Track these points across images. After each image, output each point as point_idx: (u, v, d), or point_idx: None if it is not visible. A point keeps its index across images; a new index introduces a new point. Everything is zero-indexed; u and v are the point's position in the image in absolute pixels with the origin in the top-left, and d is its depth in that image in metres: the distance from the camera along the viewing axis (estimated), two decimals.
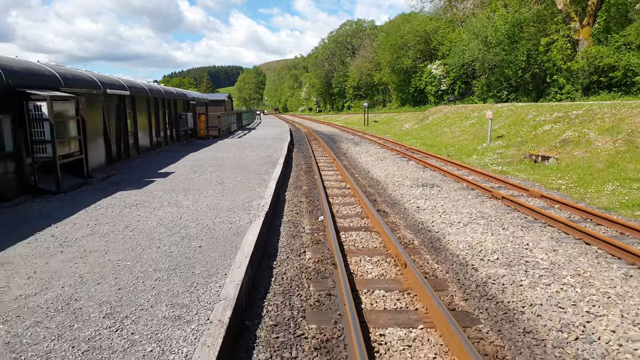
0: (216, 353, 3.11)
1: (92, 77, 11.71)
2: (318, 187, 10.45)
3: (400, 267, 5.47)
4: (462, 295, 4.81)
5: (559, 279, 5.10)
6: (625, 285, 4.89)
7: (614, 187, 10.02)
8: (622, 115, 14.60)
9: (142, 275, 4.63)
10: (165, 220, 6.84)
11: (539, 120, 18.39)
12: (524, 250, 6.20)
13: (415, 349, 3.73)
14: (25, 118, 8.42)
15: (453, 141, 22.20)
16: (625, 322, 4.08)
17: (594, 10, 31.55)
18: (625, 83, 28.54)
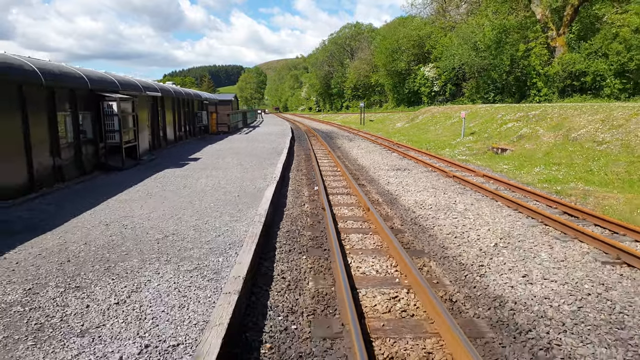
0: (259, 232, 6.20)
1: (137, 82, 14.81)
2: (315, 170, 13.54)
3: (365, 211, 8.55)
4: (399, 222, 7.91)
5: (464, 216, 8.21)
6: (502, 219, 8.00)
7: (539, 169, 13.14)
8: (565, 116, 17.72)
9: (208, 205, 7.73)
10: (209, 184, 9.94)
11: (505, 119, 21.51)
12: (451, 204, 9.29)
13: (365, 241, 6.82)
14: (101, 114, 11.52)
15: (434, 137, 25.31)
16: (486, 232, 7.19)
17: (569, 20, 34.64)
18: (594, 87, 31.66)
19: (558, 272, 5.47)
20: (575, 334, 4.01)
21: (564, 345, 3.82)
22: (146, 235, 6.12)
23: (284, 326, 4.09)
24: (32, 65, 8.82)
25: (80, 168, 10.78)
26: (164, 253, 5.46)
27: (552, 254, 6.14)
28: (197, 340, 3.43)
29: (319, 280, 5.24)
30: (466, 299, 4.78)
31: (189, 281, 4.62)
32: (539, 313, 4.41)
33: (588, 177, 11.84)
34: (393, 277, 5.35)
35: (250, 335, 3.90)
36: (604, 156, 13.29)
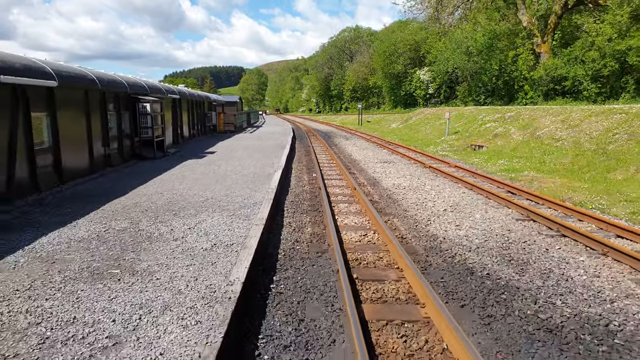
0: (272, 198, 8.61)
1: (161, 86, 17.24)
2: (314, 162, 15.97)
3: (352, 189, 10.97)
4: (377, 197, 10.33)
5: (428, 193, 10.63)
6: (457, 195, 10.43)
7: (503, 162, 15.57)
8: (534, 117, 20.16)
9: (231, 183, 10.16)
10: (228, 169, 12.38)
11: (485, 120, 23.95)
12: (422, 186, 11.70)
13: (349, 207, 9.23)
14: (136, 113, 13.96)
15: (423, 136, 27.75)
16: (441, 202, 9.62)
17: (553, 28, 37.12)
18: (574, 90, 34.11)
19: (482, 224, 7.89)
20: (474, 252, 6.42)
21: (464, 257, 6.25)
22: (192, 199, 8.54)
23: (291, 247, 6.51)
24: (92, 74, 11.25)
25: (122, 157, 13.20)
26: (209, 207, 7.88)
27: (484, 215, 8.56)
28: (243, 242, 5.84)
29: (315, 227, 7.66)
30: (412, 237, 7.20)
31: (230, 220, 7.04)
32: (456, 243, 6.83)
33: (540, 167, 14.27)
34: (365, 226, 7.77)
35: (270, 250, 6.33)
36: (557, 150, 15.72)
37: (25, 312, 3.88)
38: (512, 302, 4.73)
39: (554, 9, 36.83)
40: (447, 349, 3.84)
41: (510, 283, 5.25)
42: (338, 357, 3.66)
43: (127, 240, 5.93)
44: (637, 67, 28.68)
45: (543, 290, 5.05)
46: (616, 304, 4.71)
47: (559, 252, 6.40)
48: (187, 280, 4.62)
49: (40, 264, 5.02)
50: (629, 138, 14.16)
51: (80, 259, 5.21)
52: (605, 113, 17.12)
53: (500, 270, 5.69)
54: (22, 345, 3.34)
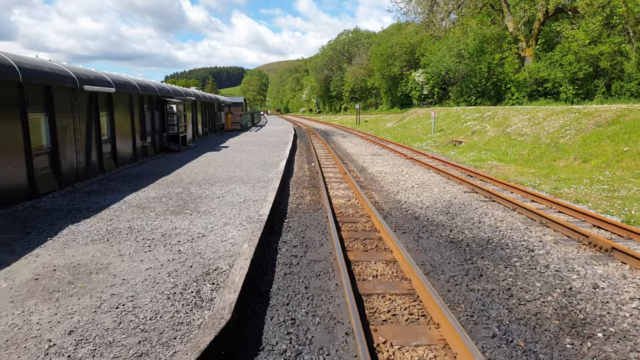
0: (280, 177, 11.38)
1: (182, 90, 20.02)
2: (313, 155, 18.74)
3: (343, 174, 13.73)
4: (362, 179, 13.10)
5: (403, 176, 13.40)
6: (425, 178, 13.20)
7: (474, 154, 18.33)
8: (507, 116, 22.93)
9: (247, 167, 12.94)
10: (242, 159, 15.16)
11: (467, 119, 26.72)
12: (399, 172, 14.46)
13: (339, 185, 12.00)
14: (165, 113, 16.74)
15: (413, 134, 30.52)
16: (411, 182, 12.41)
17: (536, 34, 39.86)
18: (554, 92, 36.86)
19: (437, 195, 10.66)
20: (423, 209, 9.18)
21: (415, 211, 9.01)
22: (221, 176, 11.33)
23: (296, 206, 9.28)
24: (134, 81, 14.03)
25: (155, 149, 15.99)
26: (235, 181, 10.66)
27: (441, 190, 11.32)
28: (264, 199, 8.61)
29: (313, 196, 10.43)
30: (382, 201, 9.97)
31: (252, 188, 9.82)
32: (413, 204, 9.60)
33: (502, 157, 17.04)
34: (350, 195, 10.55)
35: (282, 207, 9.10)
36: (520, 144, 18.49)
37: (144, 227, 6.64)
38: (435, 231, 7.50)
39: (537, 15, 39.59)
40: (388, 248, 6.60)
41: (440, 223, 8.02)
42: (325, 251, 6.42)
43: (186, 198, 8.72)
44: (608, 71, 31.44)
45: (460, 226, 7.81)
46: (502, 232, 7.48)
47: (483, 209, 9.18)
48: (233, 214, 7.41)
49: (136, 208, 7.81)
50: (576, 133, 16.92)
51: (160, 206, 7.99)
52: (563, 112, 19.90)
53: (437, 217, 8.46)
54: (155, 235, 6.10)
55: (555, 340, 3.98)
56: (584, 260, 6.04)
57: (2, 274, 4.78)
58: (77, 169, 10.15)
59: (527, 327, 4.21)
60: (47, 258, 5.29)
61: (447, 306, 4.36)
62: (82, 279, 4.67)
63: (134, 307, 4.04)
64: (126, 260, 5.23)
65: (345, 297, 4.71)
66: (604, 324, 4.26)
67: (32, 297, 4.27)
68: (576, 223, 7.98)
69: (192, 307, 4.05)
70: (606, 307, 4.61)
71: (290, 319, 4.27)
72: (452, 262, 5.98)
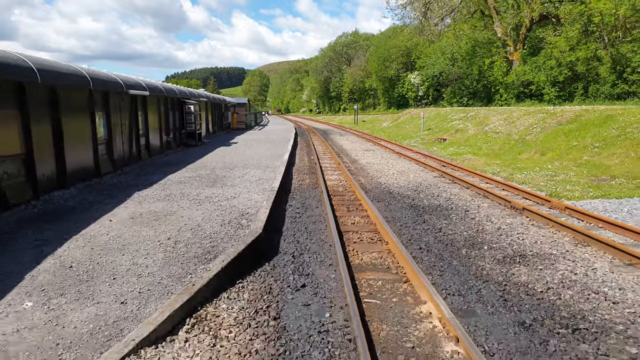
0: (285, 164, 13.95)
1: (197, 92, 22.60)
2: (312, 150, 21.31)
3: (338, 165, 16.31)
4: (353, 169, 15.68)
5: (387, 166, 15.99)
6: (406, 167, 15.79)
7: (453, 149, 20.89)
8: (487, 116, 25.51)
9: (257, 158, 15.52)
10: (252, 152, 17.74)
11: (453, 119, 29.30)
12: (386, 163, 17.03)
13: (333, 172, 14.59)
14: (183, 112, 19.32)
15: (405, 132, 33.10)
16: (393, 170, 15.00)
17: (523, 39, 42.43)
18: (538, 94, 39.41)
19: (411, 179, 13.23)
20: (398, 188, 11.75)
21: (390, 189, 11.60)
22: (238, 164, 13.91)
23: (298, 185, 11.85)
24: (161, 86, 16.61)
25: (176, 143, 18.58)
26: (250, 167, 13.23)
27: (416, 175, 13.89)
28: (274, 178, 11.19)
29: (311, 180, 13.01)
30: (366, 183, 12.54)
31: (264, 171, 12.40)
32: (390, 185, 12.17)
33: (477, 151, 19.62)
34: (341, 179, 13.13)
35: (287, 186, 11.67)
36: (494, 140, 21.07)
37: (190, 193, 9.19)
38: (402, 200, 10.07)
39: (524, 22, 42.16)
40: (364, 209, 9.16)
41: (407, 196, 10.60)
42: (320, 211, 8.97)
43: (214, 177, 11.31)
44: (585, 75, 34.05)
45: (421, 198, 10.38)
46: (452, 202, 10.04)
47: (444, 188, 11.75)
48: (252, 187, 10.00)
49: (179, 183, 10.40)
50: (540, 131, 19.50)
51: (196, 182, 10.58)
52: (533, 113, 22.49)
53: (406, 192, 11.04)
54: (200, 198, 8.65)
55: (457, 251, 6.55)
56: (501, 215, 8.61)
57: (108, 215, 7.36)
58: (123, 157, 12.73)
59: (442, 245, 6.78)
60: (132, 208, 7.87)
61: (395, 235, 6.93)
62: (161, 218, 7.25)
63: (201, 229, 6.62)
64: (186, 210, 7.82)
65: (331, 232, 7.27)
66: (492, 244, 6.83)
67: (135, 225, 6.86)
68: (511, 196, 10.55)
69: (237, 228, 6.64)
70: (498, 237, 7.18)
71: (295, 240, 6.85)
72: (408, 216, 8.56)
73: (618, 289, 5.07)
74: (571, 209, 8.73)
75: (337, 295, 4.93)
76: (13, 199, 7.50)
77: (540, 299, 4.84)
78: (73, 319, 4.09)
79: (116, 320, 4.06)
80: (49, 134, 8.86)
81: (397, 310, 4.61)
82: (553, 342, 3.95)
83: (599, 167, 13.73)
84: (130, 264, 5.29)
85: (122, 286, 4.73)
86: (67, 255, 5.58)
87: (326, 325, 4.25)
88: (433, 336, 4.08)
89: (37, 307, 4.30)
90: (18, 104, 7.84)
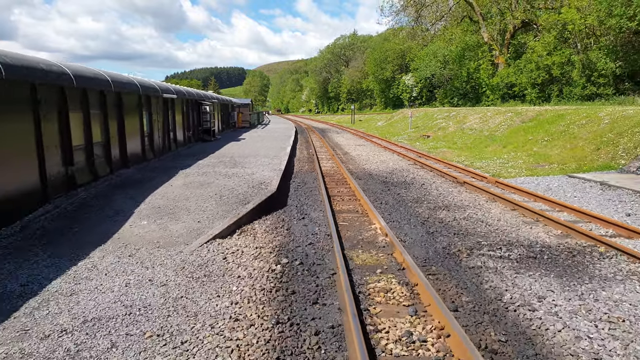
0: (288, 155, 17.17)
1: (209, 95, 25.80)
2: (311, 146, 24.54)
3: (332, 156, 19.53)
4: (345, 159, 18.92)
5: (373, 156, 19.22)
6: (389, 158, 19.03)
7: (433, 144, 24.12)
8: (466, 115, 28.75)
9: (265, 150, 18.76)
10: (259, 145, 20.97)
11: (437, 118, 32.54)
12: (372, 154, 20.24)
13: (327, 161, 17.81)
14: (200, 112, 22.55)
15: (395, 130, 36.34)
16: (377, 160, 18.24)
17: (508, 44, 45.61)
18: (521, 95, 42.58)
19: (390, 166, 16.44)
20: (377, 172, 14.96)
21: (372, 172, 14.83)
22: (249, 154, 17.12)
23: (299, 170, 15.07)
24: (183, 90, 19.81)
25: (194, 138, 21.81)
26: (260, 156, 16.44)
27: (394, 164, 17.10)
28: (280, 163, 14.40)
29: (309, 166, 16.24)
30: (354, 169, 15.77)
31: (272, 159, 15.61)
32: (372, 170, 15.41)
33: (451, 145, 22.84)
34: (334, 166, 16.36)
35: (290, 170, 14.89)
36: (468, 136, 24.30)
37: (220, 171, 12.39)
38: (377, 179, 13.29)
39: (508, 27, 45.39)
40: (348, 184, 12.38)
41: (382, 176, 13.81)
42: (316, 185, 12.17)
43: (234, 162, 14.53)
44: (559, 78, 37.30)
45: (393, 177, 13.59)
46: (415, 179, 13.24)
47: (413, 171, 14.95)
48: (264, 167, 13.22)
49: (208, 166, 13.62)
50: (507, 127, 22.73)
51: (221, 165, 13.79)
52: (504, 112, 25.75)
53: (382, 174, 14.26)
54: (228, 173, 11.86)
55: (405, 204, 9.76)
56: (446, 187, 11.84)
57: (168, 183, 10.59)
58: (160, 147, 15.95)
59: (397, 202, 10.00)
60: (182, 180, 11.09)
61: (366, 197, 10.13)
62: (205, 185, 10.46)
63: (235, 190, 9.84)
64: (220, 180, 11.05)
65: (323, 197, 10.47)
66: (430, 201, 10.04)
67: (189, 188, 10.09)
68: (462, 176, 13.76)
69: (259, 189, 9.87)
70: (437, 198, 10.39)
71: (298, 199, 10.08)
72: (379, 188, 11.78)
73: (496, 220, 8.29)
74: (499, 183, 11.97)
75: (323, 222, 8.15)
76: (100, 173, 10.71)
77: (446, 224, 8.06)
78: (172, 228, 7.30)
79: (196, 229, 7.27)
80: (117, 128, 12.07)
81: (357, 226, 7.85)
82: (441, 238, 7.18)
83: (543, 156, 16.96)
84: (196, 206, 8.52)
85: (195, 215, 7.95)
86: (153, 203, 8.81)
87: (316, 233, 7.46)
88: (375, 235, 7.32)
89: (149, 224, 7.52)
90: (101, 106, 11.05)
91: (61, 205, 8.48)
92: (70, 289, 5.01)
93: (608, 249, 6.43)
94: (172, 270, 5.59)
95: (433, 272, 5.69)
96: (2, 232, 6.83)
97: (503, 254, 6.34)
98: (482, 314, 4.56)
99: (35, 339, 4.01)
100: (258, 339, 4.02)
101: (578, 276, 5.47)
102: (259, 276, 5.44)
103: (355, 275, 5.61)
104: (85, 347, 3.89)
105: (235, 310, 4.54)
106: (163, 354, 3.79)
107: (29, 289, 5.02)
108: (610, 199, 9.67)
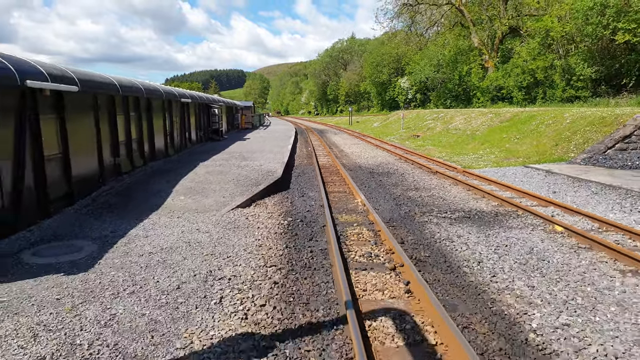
0: (289, 152, 19.59)
1: (218, 99, 28.23)
2: (309, 144, 26.97)
3: (328, 152, 21.96)
4: (340, 155, 21.35)
5: (365, 154, 21.66)
6: (377, 153, 21.48)
7: (420, 141, 26.55)
8: (453, 116, 31.22)
9: (269, 147, 21.20)
10: (263, 144, 23.41)
11: (427, 119, 35.00)
12: (364, 151, 22.68)
13: (324, 157, 20.24)
14: (209, 114, 24.99)
15: (389, 131, 38.79)
16: (367, 154, 20.69)
17: (497, 48, 48.11)
18: (509, 97, 45.03)
19: (378, 160, 18.88)
20: (367, 165, 17.40)
21: (361, 165, 17.28)
22: (256, 150, 19.53)
23: (299, 164, 17.50)
24: (197, 95, 22.24)
25: (205, 137, 24.25)
26: (266, 152, 18.85)
27: (383, 159, 19.53)
28: (282, 158, 16.83)
29: (308, 161, 18.67)
30: (347, 163, 18.20)
31: (275, 154, 18.04)
32: (362, 163, 17.84)
33: (436, 144, 25.28)
34: (330, 161, 18.80)
35: (291, 164, 17.31)
36: (452, 135, 26.73)
37: (234, 162, 14.80)
38: (366, 170, 15.71)
39: (497, 33, 47.93)
40: (341, 175, 14.81)
41: (370, 168, 16.24)
42: (313, 175, 14.59)
43: (244, 156, 16.96)
44: (543, 81, 39.78)
45: (378, 169, 16.01)
46: (397, 170, 15.67)
47: (397, 164, 17.37)
48: (270, 161, 15.65)
49: (222, 160, 16.04)
50: (487, 127, 25.17)
51: (233, 159, 16.21)
52: (486, 113, 28.20)
53: (370, 167, 16.68)
54: (241, 165, 14.28)
55: (384, 187, 12.17)
56: (421, 175, 14.25)
57: (193, 171, 13.03)
58: (178, 145, 18.39)
59: (378, 186, 12.42)
60: (204, 169, 13.52)
61: (354, 182, 12.54)
62: (223, 172, 12.88)
63: (248, 176, 12.27)
64: (235, 169, 13.47)
65: (319, 183, 12.87)
66: (405, 185, 12.46)
67: (211, 175, 12.52)
68: (437, 167, 16.18)
69: (267, 176, 12.30)
70: (411, 182, 12.81)
71: (298, 184, 12.52)
72: (366, 177, 14.21)
73: (452, 197, 10.71)
74: (466, 172, 14.39)
75: (318, 198, 10.58)
76: (136, 164, 13.14)
77: (413, 199, 10.48)
78: (204, 202, 9.72)
79: (222, 202, 9.69)
80: (147, 127, 14.50)
81: (344, 200, 10.29)
82: (405, 207, 9.59)
83: (513, 152, 19.40)
84: (219, 187, 10.95)
85: (220, 193, 10.38)
86: (185, 185, 11.24)
87: (312, 205, 9.88)
88: (356, 205, 9.76)
89: (186, 198, 9.94)
90: (136, 110, 13.48)
91: (114, 187, 10.91)
92: (144, 234, 7.43)
93: (524, 213, 8.86)
94: (211, 224, 8.01)
95: (393, 225, 8.12)
96: (82, 202, 9.26)
97: (446, 216, 8.77)
98: (419, 244, 6.99)
99: (135, 256, 6.42)
100: (274, 253, 6.46)
101: (492, 226, 7.90)
102: (273, 227, 7.88)
103: (339, 227, 8.03)
104: (167, 259, 6.31)
105: (259, 242, 6.98)
106: (217, 262, 6.22)
107: (117, 234, 7.44)
108: (548, 182, 12.11)
